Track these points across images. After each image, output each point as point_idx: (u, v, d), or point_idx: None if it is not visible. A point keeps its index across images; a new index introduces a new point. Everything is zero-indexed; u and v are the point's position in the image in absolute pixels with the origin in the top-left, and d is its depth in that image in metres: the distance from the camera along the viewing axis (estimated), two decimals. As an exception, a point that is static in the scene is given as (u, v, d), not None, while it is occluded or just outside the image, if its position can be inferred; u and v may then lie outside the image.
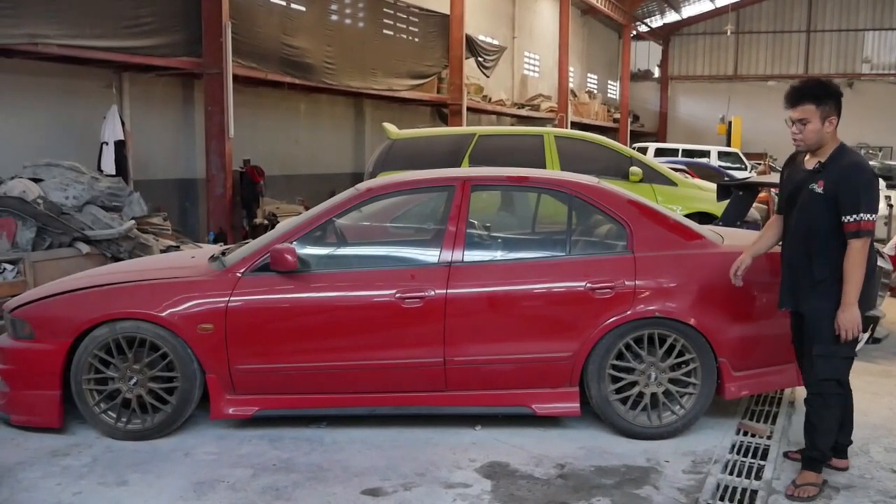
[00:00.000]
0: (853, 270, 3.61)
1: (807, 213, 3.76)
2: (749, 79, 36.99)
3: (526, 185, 4.94)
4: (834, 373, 3.73)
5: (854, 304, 3.62)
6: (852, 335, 3.64)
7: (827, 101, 3.67)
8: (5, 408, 4.49)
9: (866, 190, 3.63)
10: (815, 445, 3.80)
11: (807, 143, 3.76)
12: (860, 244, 3.60)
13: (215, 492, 3.78)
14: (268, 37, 12.13)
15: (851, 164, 3.67)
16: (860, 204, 3.58)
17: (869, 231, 3.62)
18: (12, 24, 8.15)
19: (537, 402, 4.41)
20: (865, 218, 3.59)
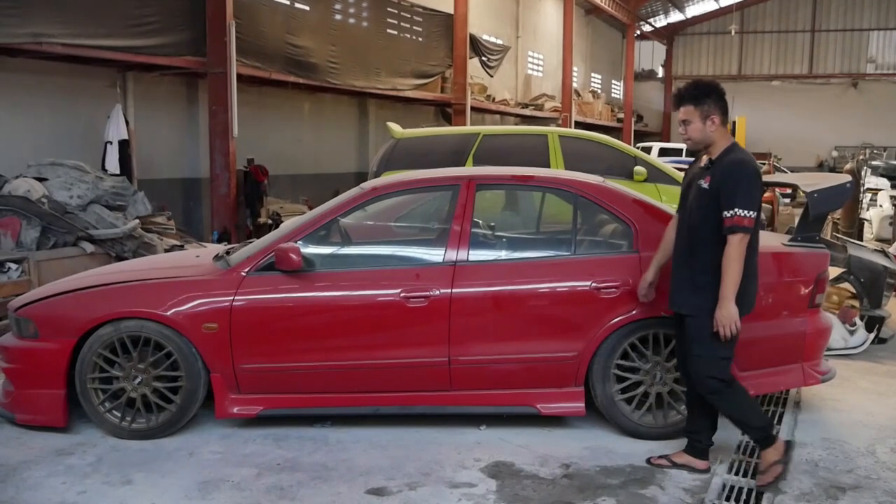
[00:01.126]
0: (729, 266, 3.63)
1: (693, 210, 3.83)
2: (753, 79, 36.95)
3: (531, 185, 4.93)
4: (712, 371, 3.79)
5: (730, 299, 3.63)
6: (730, 332, 3.66)
7: (705, 101, 3.76)
8: (10, 407, 4.49)
9: (745, 186, 3.65)
10: (750, 429, 3.87)
11: (693, 141, 3.84)
12: (737, 239, 3.62)
13: (220, 491, 3.78)
14: (272, 36, 12.13)
15: (734, 160, 3.72)
16: (737, 199, 3.61)
17: (746, 227, 3.62)
18: (17, 24, 8.16)
19: (542, 401, 4.40)
20: (742, 213, 3.61)
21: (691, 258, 3.80)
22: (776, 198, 12.38)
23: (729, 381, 3.83)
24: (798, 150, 32.96)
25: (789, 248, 4.66)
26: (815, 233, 4.80)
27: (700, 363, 3.80)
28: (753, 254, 3.78)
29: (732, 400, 3.84)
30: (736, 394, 3.84)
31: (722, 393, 3.81)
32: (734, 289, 3.64)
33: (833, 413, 4.88)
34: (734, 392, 3.84)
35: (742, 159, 3.74)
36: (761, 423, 3.87)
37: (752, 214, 3.63)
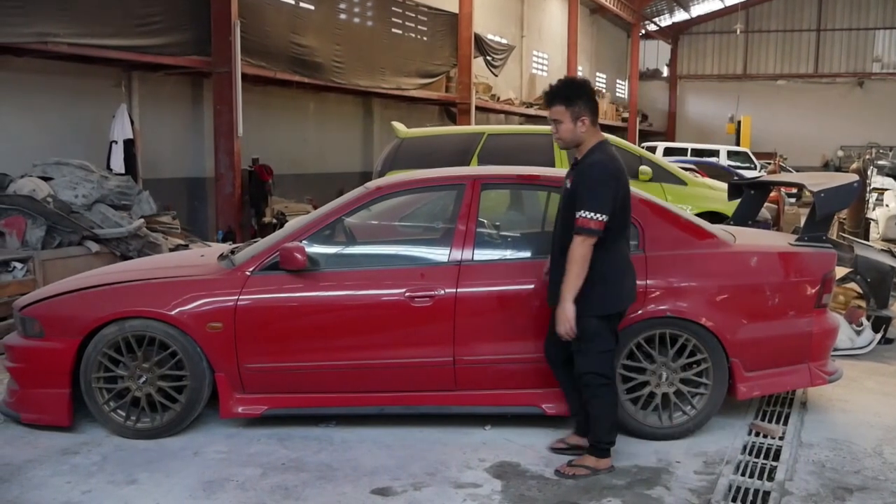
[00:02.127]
0: (569, 267, 3.68)
1: (561, 210, 3.90)
2: (759, 78, 36.85)
3: (537, 184, 4.91)
4: (592, 366, 3.84)
5: (567, 300, 3.69)
6: (565, 332, 3.71)
7: (576, 102, 3.78)
8: (15, 406, 4.49)
9: (595, 188, 3.67)
10: (595, 433, 3.94)
11: (564, 141, 3.88)
12: (579, 241, 3.65)
13: (225, 491, 3.78)
14: (277, 35, 12.13)
15: (592, 162, 3.76)
16: (586, 201, 3.65)
17: (590, 230, 3.65)
18: (22, 23, 8.16)
19: (547, 401, 4.38)
20: (588, 216, 3.64)
21: (563, 257, 3.82)
22: (782, 197, 12.34)
23: (610, 378, 3.90)
24: (803, 150, 32.88)
25: (796, 248, 4.64)
26: (821, 232, 4.79)
27: (579, 358, 3.87)
28: (618, 252, 3.83)
29: (603, 401, 3.90)
30: (608, 396, 3.92)
31: (598, 389, 3.87)
32: (573, 290, 3.68)
33: (840, 414, 4.86)
34: (608, 393, 3.92)
35: (599, 160, 3.75)
36: (611, 437, 3.96)
37: (599, 217, 3.65)
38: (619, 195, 3.75)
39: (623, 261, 3.89)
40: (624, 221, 3.84)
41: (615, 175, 3.76)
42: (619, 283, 3.86)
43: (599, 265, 3.74)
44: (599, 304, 3.80)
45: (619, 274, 3.85)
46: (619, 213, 3.78)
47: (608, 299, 3.83)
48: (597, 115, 3.87)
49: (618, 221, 3.77)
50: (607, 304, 3.83)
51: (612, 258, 3.79)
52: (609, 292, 3.82)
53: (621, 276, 3.87)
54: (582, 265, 3.67)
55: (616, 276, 3.83)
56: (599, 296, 3.78)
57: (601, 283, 3.76)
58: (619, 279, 3.86)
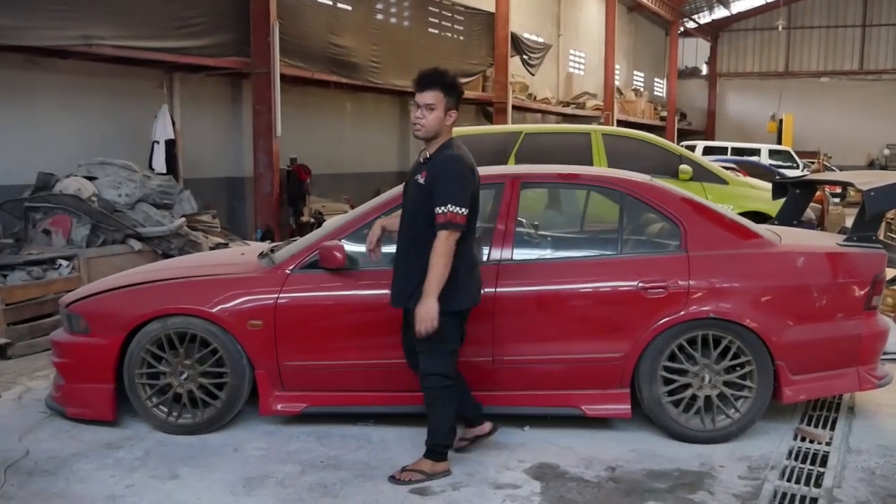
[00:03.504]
0: (435, 262, 3.60)
1: (411, 205, 3.80)
2: (801, 75, 36.18)
3: (577, 183, 4.87)
4: (437, 367, 3.76)
5: (431, 295, 3.60)
6: (426, 329, 3.61)
7: (453, 94, 3.77)
8: (61, 400, 4.57)
9: (455, 182, 3.63)
10: (432, 436, 3.86)
11: (426, 130, 3.77)
12: (444, 235, 3.60)
13: (264, 487, 3.80)
14: (314, 36, 12.20)
15: (448, 156, 3.71)
16: (449, 195, 3.59)
17: (456, 224, 3.59)
18: (68, 26, 8.32)
19: (587, 403, 4.34)
20: (454, 210, 3.59)
21: (411, 254, 3.76)
22: (826, 197, 12.07)
23: (452, 379, 3.82)
24: (848, 148, 32.19)
25: (844, 249, 4.54)
26: (871, 232, 4.67)
27: (424, 358, 3.80)
28: (470, 248, 3.77)
29: (446, 404, 3.84)
30: (451, 398, 3.85)
31: (442, 391, 3.80)
32: (437, 286, 3.61)
33: (889, 419, 4.74)
34: (451, 396, 3.84)
35: (457, 155, 3.72)
36: (446, 440, 3.89)
37: (462, 211, 3.61)
38: (474, 189, 3.73)
39: (472, 258, 3.83)
40: (472, 219, 3.76)
41: (472, 170, 3.74)
42: (470, 280, 3.79)
43: (459, 259, 3.68)
44: (454, 301, 3.70)
45: (469, 270, 3.78)
46: (475, 210, 3.76)
47: (461, 295, 3.75)
48: (457, 112, 3.84)
49: (473, 218, 3.75)
50: (461, 299, 3.75)
51: (464, 254, 3.72)
52: (462, 288, 3.74)
53: (471, 273, 3.80)
54: (448, 261, 3.61)
55: (467, 272, 3.76)
56: (453, 292, 3.69)
57: (454, 278, 3.67)
58: (470, 275, 3.79)
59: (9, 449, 4.21)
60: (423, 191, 3.72)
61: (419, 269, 3.69)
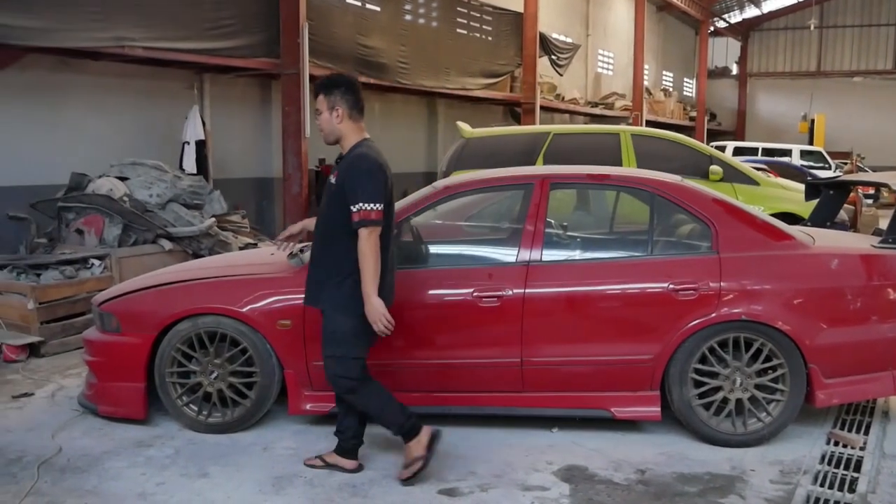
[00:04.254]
0: (364, 260, 3.58)
1: (324, 206, 3.78)
2: (833, 75, 35.62)
3: (607, 184, 4.83)
4: (343, 371, 3.74)
5: (372, 294, 3.58)
6: (382, 326, 3.60)
7: (332, 92, 3.77)
8: (93, 398, 4.63)
9: (365, 179, 3.62)
10: (390, 425, 3.82)
11: (324, 133, 3.84)
12: (366, 233, 3.57)
13: (293, 486, 3.81)
14: (343, 37, 12.25)
15: (356, 154, 3.71)
16: (361, 193, 3.58)
17: (373, 221, 3.57)
18: (100, 28, 8.42)
19: (616, 405, 4.31)
20: (368, 207, 3.57)
21: (324, 254, 3.73)
22: (859, 198, 11.88)
23: (362, 378, 3.76)
24: (882, 149, 31.59)
25: (880, 251, 4.47)
26: (906, 234, 4.59)
27: (330, 363, 3.76)
28: (385, 251, 3.72)
29: (368, 397, 3.80)
30: (371, 391, 3.80)
31: (356, 392, 3.77)
32: (374, 283, 3.59)
33: (925, 424, 4.65)
34: (369, 389, 3.79)
35: (363, 153, 3.71)
36: (400, 418, 3.81)
37: (378, 207, 3.59)
38: (386, 186, 3.70)
39: (387, 260, 3.76)
40: (388, 220, 3.73)
41: (382, 167, 3.71)
42: (384, 281, 3.71)
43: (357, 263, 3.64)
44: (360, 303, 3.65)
45: (385, 271, 3.71)
46: (386, 211, 3.69)
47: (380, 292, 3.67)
48: (356, 109, 3.81)
49: (388, 215, 3.72)
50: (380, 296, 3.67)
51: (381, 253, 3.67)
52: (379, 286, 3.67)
53: (385, 274, 3.72)
54: (375, 258, 3.59)
55: (382, 272, 3.69)
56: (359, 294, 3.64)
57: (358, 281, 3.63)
58: (385, 276, 3.72)
59: (42, 446, 4.28)
60: (334, 191, 3.74)
61: (325, 269, 3.71)
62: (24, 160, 8.52)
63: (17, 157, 8.48)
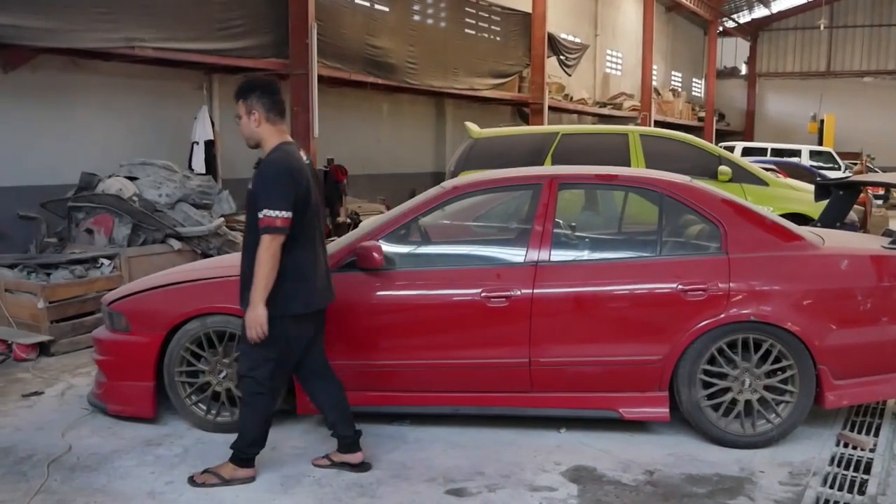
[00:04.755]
0: (258, 268, 3.58)
1: (247, 211, 3.81)
2: (843, 75, 35.46)
3: (615, 184, 4.83)
4: (252, 370, 3.73)
5: (257, 303, 3.58)
6: (256, 335, 3.60)
7: (249, 96, 3.78)
8: (102, 397, 4.65)
9: (270, 185, 3.61)
10: (237, 440, 3.83)
11: (244, 137, 3.86)
12: (267, 240, 3.56)
13: (301, 486, 3.82)
14: (352, 38, 12.26)
15: (267, 161, 3.71)
16: (267, 199, 3.58)
17: (275, 228, 3.56)
18: (110, 29, 8.46)
19: (625, 406, 4.30)
20: (272, 214, 3.56)
21: (245, 259, 3.75)
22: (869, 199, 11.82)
23: (267, 387, 3.75)
24: (892, 149, 31.39)
25: (890, 251, 4.45)
26: (917, 235, 4.57)
27: (242, 361, 3.80)
28: (300, 254, 3.69)
29: (255, 411, 3.79)
30: (261, 407, 3.79)
31: (253, 397, 3.76)
32: (263, 292, 3.58)
33: (936, 426, 4.63)
34: (262, 404, 3.78)
35: (273, 159, 3.70)
36: (251, 448, 3.83)
37: (283, 214, 3.57)
38: (299, 193, 3.66)
39: (308, 262, 3.74)
40: (306, 222, 3.72)
41: (290, 172, 3.67)
42: (299, 286, 3.70)
43: (282, 265, 3.64)
44: (275, 306, 3.64)
45: (297, 277, 3.69)
46: (301, 214, 3.67)
47: (285, 302, 3.67)
48: (274, 113, 3.80)
49: (300, 221, 3.67)
50: (284, 306, 3.67)
51: (291, 259, 3.67)
52: (286, 294, 3.68)
53: (300, 279, 3.71)
54: (271, 265, 3.58)
55: (295, 278, 3.69)
56: (277, 297, 3.63)
57: (278, 284, 3.63)
58: (298, 282, 3.70)
59: (52, 444, 4.30)
60: (248, 198, 3.75)
61: (245, 273, 3.73)
62: (35, 160, 8.57)
63: (28, 157, 8.52)
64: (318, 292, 3.80)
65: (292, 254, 3.68)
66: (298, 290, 3.71)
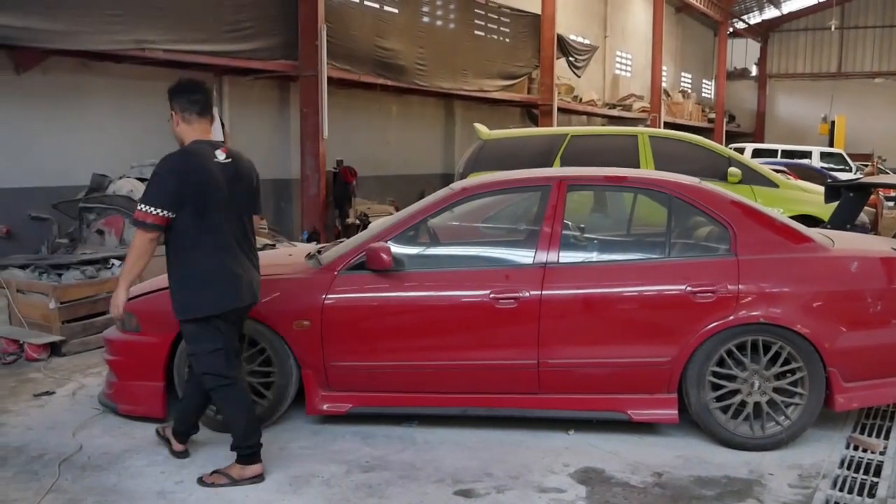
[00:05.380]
0: (127, 256, 3.71)
1: None
2: (854, 76, 35.31)
3: (624, 186, 4.82)
4: (206, 367, 3.78)
5: (122, 287, 3.71)
6: (114, 315, 3.79)
7: (171, 99, 3.87)
8: (113, 397, 4.68)
9: (151, 182, 3.68)
10: (236, 437, 3.83)
11: (174, 136, 3.92)
12: (138, 234, 3.63)
13: (310, 486, 3.84)
14: (361, 39, 12.30)
15: (162, 159, 3.76)
16: (144, 194, 3.67)
17: (144, 224, 3.60)
18: (122, 31, 8.52)
19: (633, 407, 4.30)
20: (143, 209, 3.60)
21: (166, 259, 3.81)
22: (880, 201, 11.78)
23: (229, 377, 3.79)
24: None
25: (901, 253, 4.42)
26: (928, 237, 4.55)
27: (193, 360, 3.85)
28: (205, 254, 3.69)
29: (229, 402, 3.83)
30: (232, 396, 3.81)
31: (220, 390, 3.80)
32: (126, 278, 3.70)
33: (947, 429, 4.60)
34: (232, 393, 3.80)
35: (168, 156, 3.74)
36: (247, 440, 3.81)
37: (153, 211, 3.58)
38: (186, 191, 3.62)
39: (209, 264, 3.71)
40: (213, 225, 3.69)
41: (178, 170, 3.66)
42: (209, 286, 3.69)
43: (182, 267, 3.68)
44: (187, 308, 3.72)
45: (204, 278, 3.69)
46: (195, 213, 3.64)
47: (195, 303, 3.70)
48: (189, 112, 3.84)
49: (192, 221, 3.64)
50: (195, 307, 3.70)
51: (196, 260, 3.68)
52: (195, 296, 3.70)
53: (212, 279, 3.70)
54: (136, 256, 3.65)
55: (202, 279, 3.69)
56: (187, 299, 3.71)
57: (185, 286, 3.70)
58: (206, 284, 3.69)
59: (63, 444, 4.33)
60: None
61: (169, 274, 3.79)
62: (46, 161, 8.64)
63: (39, 159, 8.58)
64: (228, 293, 3.76)
65: (191, 255, 3.69)
66: (212, 291, 3.71)
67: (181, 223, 3.65)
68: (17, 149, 8.37)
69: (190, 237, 3.67)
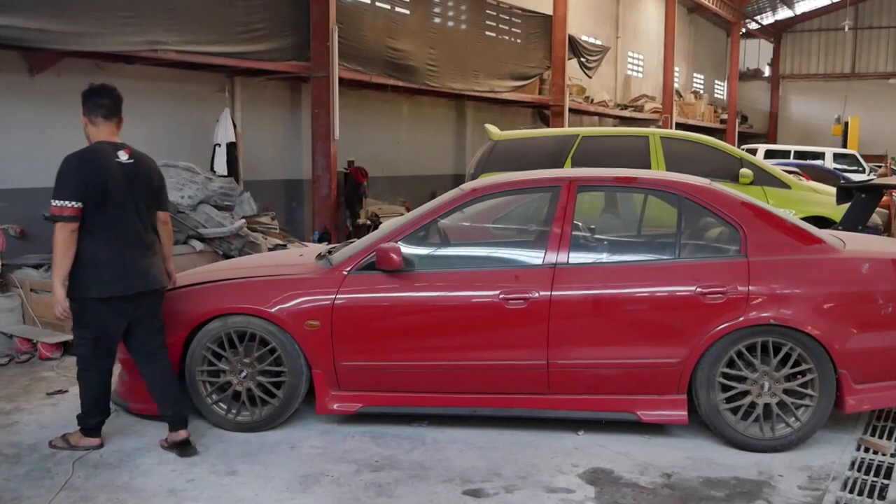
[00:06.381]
0: (53, 254, 3.93)
1: None
2: (868, 77, 35.09)
3: (634, 186, 4.82)
4: (77, 349, 4.16)
5: (57, 284, 3.95)
6: (58, 313, 4.00)
7: (82, 103, 4.22)
8: (125, 396, 4.71)
9: (58, 179, 3.96)
10: (83, 411, 4.22)
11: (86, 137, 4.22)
12: (60, 229, 3.90)
13: (320, 485, 3.86)
14: (373, 40, 12.32)
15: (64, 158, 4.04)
16: (54, 191, 3.92)
17: (64, 217, 3.88)
18: (134, 32, 8.56)
19: (643, 408, 4.30)
20: (56, 203, 3.90)
21: None
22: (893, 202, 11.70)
23: (91, 364, 4.12)
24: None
25: (913, 255, 4.40)
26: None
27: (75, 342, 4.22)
28: (96, 242, 3.98)
29: (83, 384, 4.18)
30: (89, 380, 4.16)
31: (81, 373, 4.17)
32: (59, 273, 3.93)
33: (959, 431, 4.58)
34: (90, 377, 4.15)
35: (68, 155, 4.04)
36: (87, 419, 4.21)
37: (65, 204, 3.89)
38: (89, 184, 3.94)
39: (106, 252, 4.00)
40: (107, 219, 4.00)
41: (79, 166, 3.99)
42: (99, 273, 3.99)
43: (81, 254, 3.95)
44: (75, 286, 3.99)
45: (94, 263, 3.97)
46: (94, 207, 3.96)
47: (83, 285, 3.98)
48: (94, 115, 4.22)
49: (92, 214, 3.95)
50: (82, 288, 3.98)
51: (92, 249, 3.96)
52: (83, 279, 3.98)
53: (102, 267, 3.99)
54: (63, 250, 3.90)
55: (91, 265, 3.97)
56: (78, 280, 3.97)
57: (80, 269, 3.96)
58: (94, 268, 3.97)
59: (76, 441, 4.36)
60: None
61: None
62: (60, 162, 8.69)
63: (53, 159, 8.62)
64: (118, 280, 4.02)
65: (86, 244, 3.97)
66: (92, 276, 3.98)
67: (84, 215, 3.95)
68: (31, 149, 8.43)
69: (87, 229, 3.97)
